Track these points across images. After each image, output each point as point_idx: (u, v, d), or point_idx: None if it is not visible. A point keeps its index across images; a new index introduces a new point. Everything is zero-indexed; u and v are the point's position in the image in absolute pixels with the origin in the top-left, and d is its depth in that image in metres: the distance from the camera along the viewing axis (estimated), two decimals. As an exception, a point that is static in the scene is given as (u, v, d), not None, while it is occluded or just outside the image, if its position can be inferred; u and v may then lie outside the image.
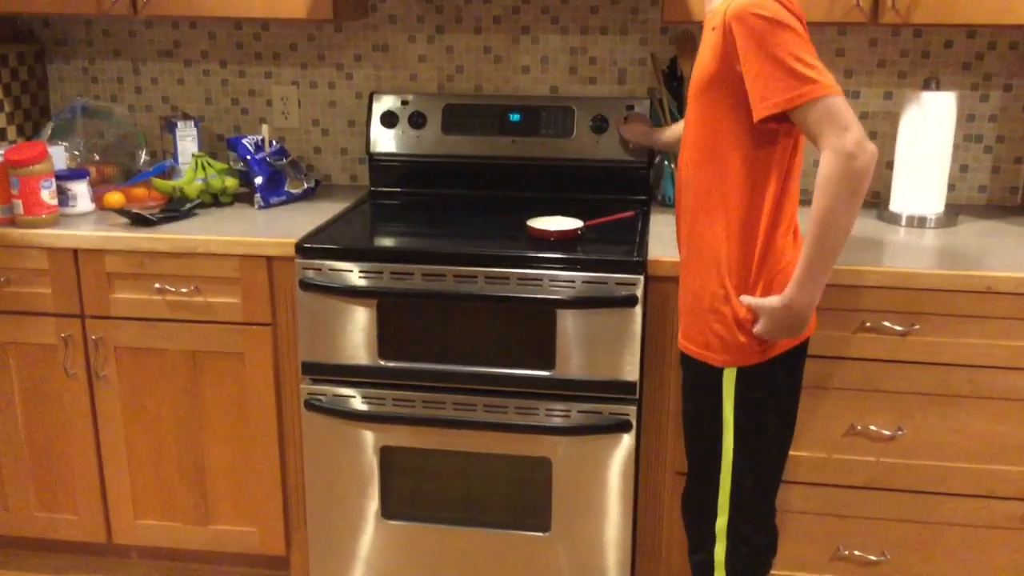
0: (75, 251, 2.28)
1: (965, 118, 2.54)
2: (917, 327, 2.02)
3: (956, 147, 2.52)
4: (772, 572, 2.15)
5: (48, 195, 2.31)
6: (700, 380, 1.82)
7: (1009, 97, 2.52)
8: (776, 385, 1.80)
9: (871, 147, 1.56)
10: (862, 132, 1.56)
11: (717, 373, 1.78)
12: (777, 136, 1.68)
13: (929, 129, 2.33)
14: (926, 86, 2.33)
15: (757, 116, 1.61)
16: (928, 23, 2.15)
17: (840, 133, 1.55)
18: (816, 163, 2.58)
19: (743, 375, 1.77)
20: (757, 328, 1.73)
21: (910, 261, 2.07)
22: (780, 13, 1.58)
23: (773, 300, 1.70)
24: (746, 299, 1.73)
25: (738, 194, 1.70)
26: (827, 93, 1.56)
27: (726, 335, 1.75)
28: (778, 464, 1.88)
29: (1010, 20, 2.13)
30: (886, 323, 2.03)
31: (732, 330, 1.74)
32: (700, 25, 2.30)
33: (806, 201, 1.74)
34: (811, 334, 1.81)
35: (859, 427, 2.10)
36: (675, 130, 2.40)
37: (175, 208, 2.43)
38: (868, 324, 2.03)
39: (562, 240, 2.18)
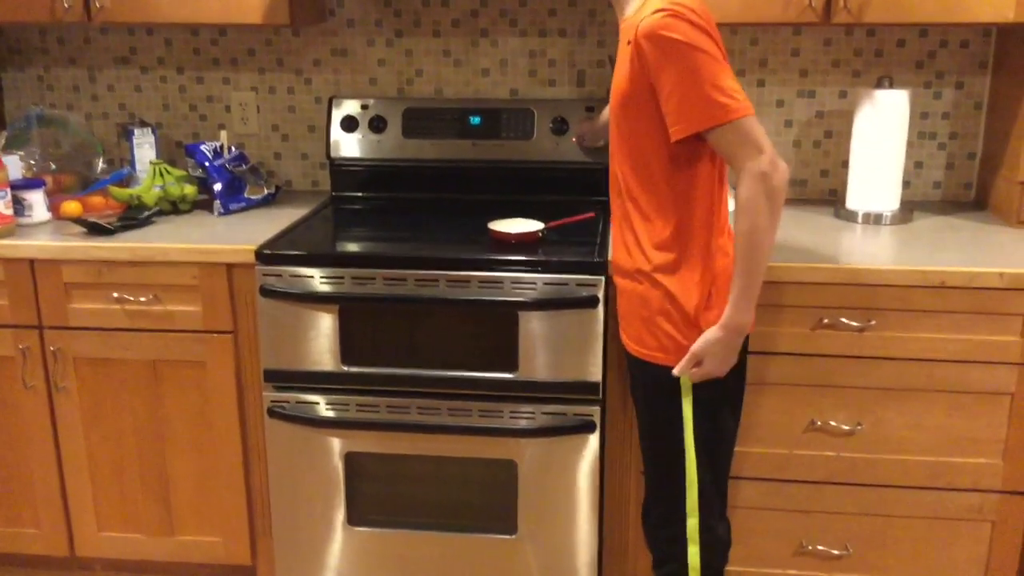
0: (31, 261, 2.25)
1: (919, 115, 2.57)
2: (874, 323, 2.05)
3: (910, 144, 2.56)
4: (735, 568, 2.19)
5: (3, 205, 2.28)
6: (657, 383, 1.82)
7: (961, 94, 2.56)
8: (726, 379, 1.82)
9: (783, 165, 1.62)
10: (774, 151, 1.61)
11: (674, 376, 1.79)
12: (704, 145, 1.69)
13: (883, 127, 2.36)
14: (879, 84, 2.37)
15: (673, 137, 1.65)
16: (880, 22, 2.18)
17: (754, 155, 1.60)
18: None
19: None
20: (699, 371, 1.75)
21: (866, 258, 2.09)
22: (690, 34, 1.58)
23: (709, 333, 1.72)
24: (679, 368, 1.75)
25: (672, 201, 1.73)
26: (739, 115, 1.59)
27: (678, 336, 1.77)
28: (731, 454, 1.92)
29: (961, 18, 2.16)
30: (843, 319, 2.05)
31: (682, 330, 1.76)
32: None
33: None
34: (751, 331, 1.81)
35: (819, 423, 2.13)
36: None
37: (133, 216, 2.41)
38: (826, 321, 2.06)
39: (523, 242, 2.18)
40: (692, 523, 1.86)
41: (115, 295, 2.25)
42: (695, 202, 1.73)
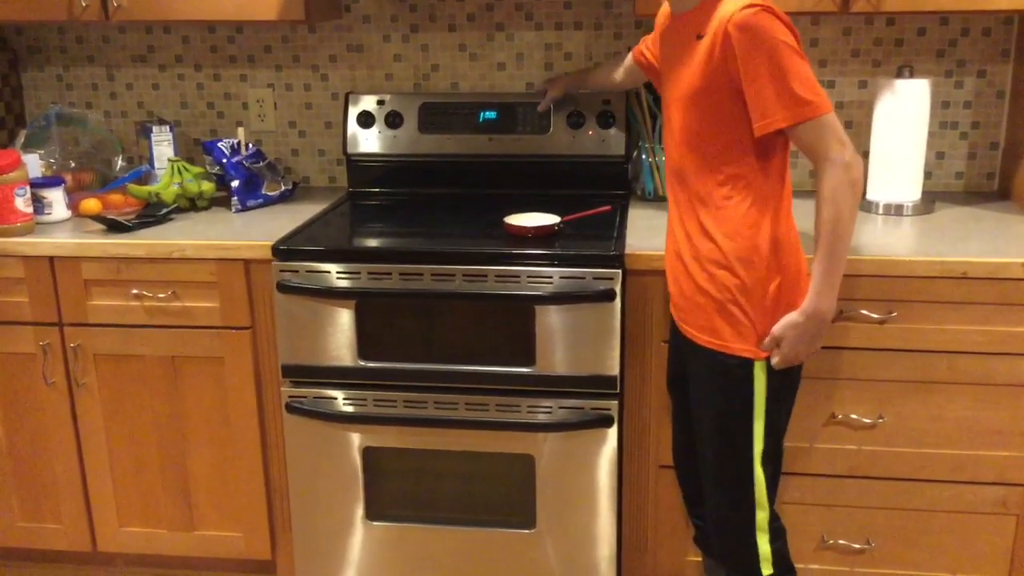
0: (51, 259, 2.27)
1: (940, 105, 2.54)
2: (895, 314, 2.03)
3: (932, 134, 2.52)
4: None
5: (23, 203, 2.30)
6: (730, 372, 1.81)
7: (983, 83, 2.53)
8: (792, 370, 1.83)
9: (860, 158, 1.68)
10: (852, 145, 1.67)
11: (747, 364, 1.79)
12: (780, 136, 1.73)
13: (904, 117, 2.33)
14: (899, 74, 2.34)
15: (758, 132, 1.68)
16: (899, 11, 2.16)
17: (837, 147, 1.66)
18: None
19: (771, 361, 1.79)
20: (777, 358, 1.76)
21: (887, 249, 2.07)
22: (781, 30, 1.63)
23: (791, 317, 1.74)
24: (764, 346, 1.77)
25: (746, 189, 1.74)
26: (824, 112, 1.65)
27: (754, 323, 1.77)
28: (783, 439, 1.91)
29: (982, 6, 2.14)
30: (864, 311, 2.03)
31: (758, 317, 1.76)
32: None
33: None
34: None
35: (840, 416, 2.11)
36: (599, 74, 2.46)
37: (151, 213, 2.42)
38: (846, 313, 2.03)
39: (539, 236, 2.18)
40: (762, 515, 1.85)
41: (134, 292, 2.27)
42: (768, 191, 1.75)
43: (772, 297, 1.76)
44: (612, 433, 2.13)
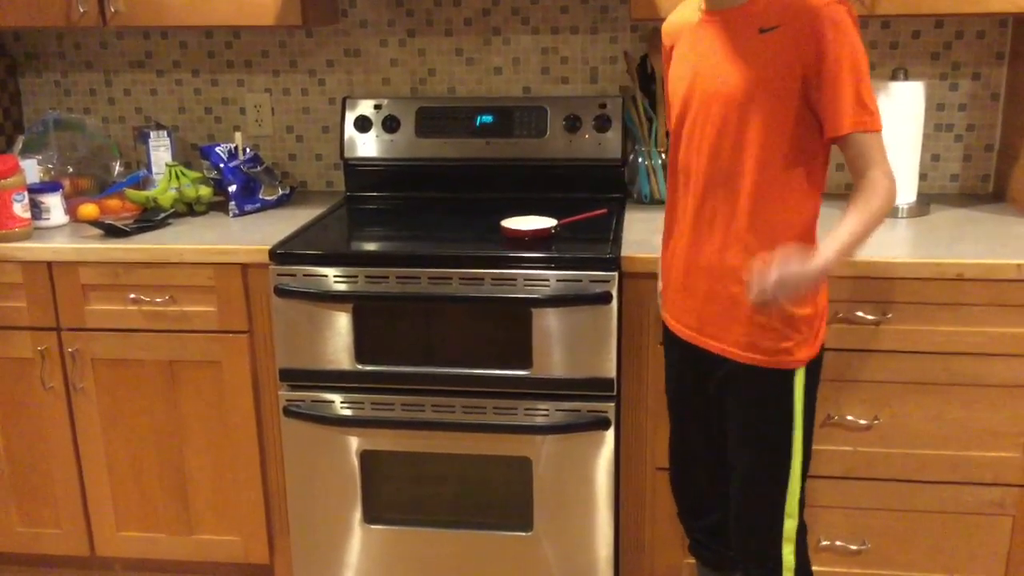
0: (49, 264, 2.28)
1: (935, 107, 2.55)
2: (890, 316, 2.03)
3: (927, 137, 2.53)
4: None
5: (20, 208, 2.31)
6: (772, 385, 1.75)
7: (978, 86, 2.54)
8: (819, 367, 1.81)
9: None
10: None
11: (789, 376, 1.74)
12: (823, 144, 1.68)
13: (899, 119, 2.34)
14: (894, 77, 2.35)
15: (831, 133, 1.62)
16: (893, 13, 2.17)
17: (886, 162, 1.64)
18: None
19: (809, 368, 1.76)
20: (756, 290, 1.59)
21: (882, 251, 2.07)
22: (858, 34, 1.61)
23: (799, 263, 1.58)
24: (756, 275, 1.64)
25: (794, 196, 1.69)
26: (881, 127, 1.64)
27: (796, 334, 1.72)
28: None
29: (976, 9, 2.14)
30: (859, 313, 2.04)
31: (800, 327, 1.72)
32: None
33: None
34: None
35: (836, 417, 2.11)
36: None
37: (149, 218, 2.43)
38: (841, 315, 2.04)
39: (536, 239, 2.18)
40: (791, 524, 1.82)
41: (132, 296, 2.27)
42: (811, 198, 1.70)
43: (823, 304, 1.73)
44: (609, 435, 2.14)
